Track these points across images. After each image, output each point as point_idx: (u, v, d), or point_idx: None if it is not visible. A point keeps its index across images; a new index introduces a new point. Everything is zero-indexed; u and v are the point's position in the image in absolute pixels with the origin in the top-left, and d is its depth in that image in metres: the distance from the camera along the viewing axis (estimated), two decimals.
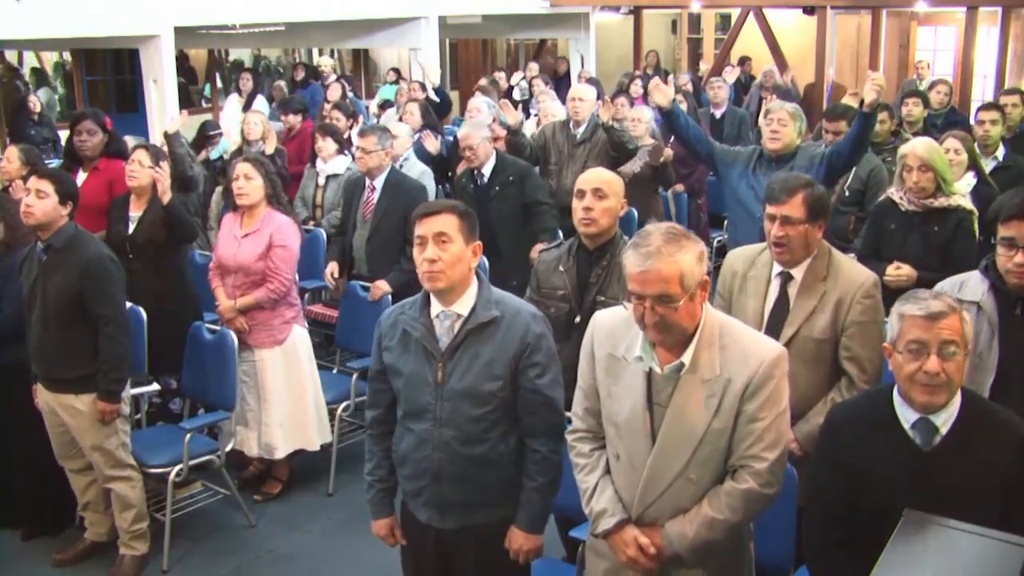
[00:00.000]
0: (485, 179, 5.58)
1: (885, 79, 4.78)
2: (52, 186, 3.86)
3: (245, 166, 4.51)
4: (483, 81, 10.17)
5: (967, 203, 4.27)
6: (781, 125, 4.55)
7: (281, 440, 4.59)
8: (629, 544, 2.42)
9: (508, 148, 6.04)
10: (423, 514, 2.79)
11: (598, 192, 3.51)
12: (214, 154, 7.29)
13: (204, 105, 13.04)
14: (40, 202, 3.83)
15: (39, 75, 13.73)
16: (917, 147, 4.27)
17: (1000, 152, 5.69)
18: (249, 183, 4.48)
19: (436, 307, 2.71)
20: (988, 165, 5.51)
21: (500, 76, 11.44)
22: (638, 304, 2.30)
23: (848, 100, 6.17)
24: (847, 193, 5.35)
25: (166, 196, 4.64)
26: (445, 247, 2.63)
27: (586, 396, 2.56)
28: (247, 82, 10.65)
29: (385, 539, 2.96)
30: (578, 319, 3.49)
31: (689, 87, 10.21)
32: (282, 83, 11.41)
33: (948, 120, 7.32)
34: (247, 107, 9.52)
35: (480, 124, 5.87)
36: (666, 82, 5.64)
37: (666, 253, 2.26)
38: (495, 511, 2.77)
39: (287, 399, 4.57)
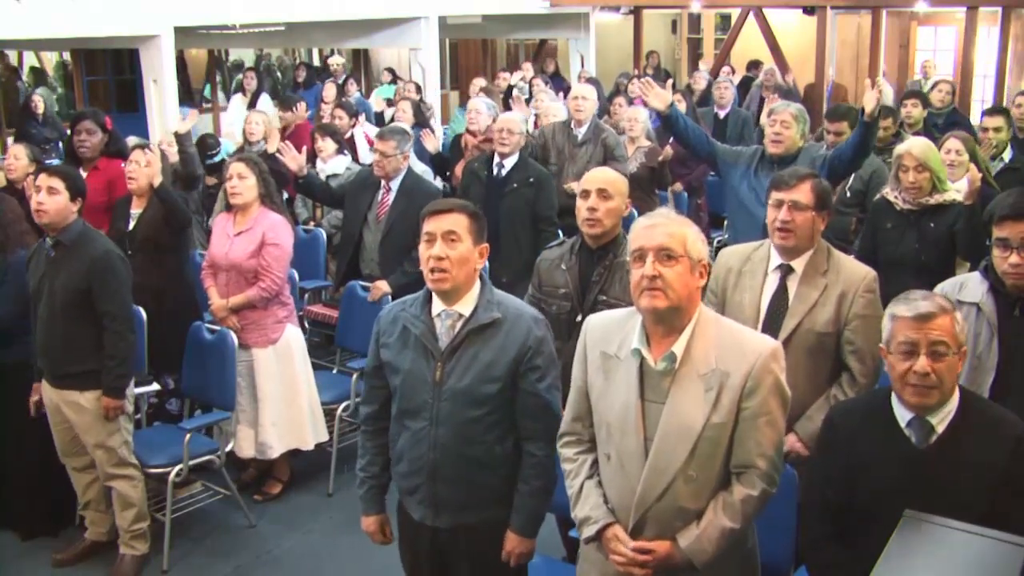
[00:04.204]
0: (504, 172, 5.46)
1: (885, 80, 4.79)
2: (63, 183, 3.86)
3: (239, 166, 4.52)
4: (482, 83, 10.12)
5: (962, 198, 4.28)
6: (784, 128, 4.49)
7: (275, 439, 4.59)
8: (617, 550, 2.39)
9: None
10: (417, 512, 2.78)
11: (603, 192, 3.48)
12: (216, 158, 7.28)
13: (203, 106, 13.02)
14: (51, 199, 3.83)
15: (38, 75, 13.71)
16: (914, 147, 4.30)
17: (1007, 154, 5.71)
18: (243, 182, 4.48)
19: (438, 306, 2.70)
20: (995, 167, 5.53)
21: (479, 81, 10.98)
22: (638, 265, 2.32)
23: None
24: (848, 194, 5.34)
25: (157, 179, 4.63)
26: (454, 246, 2.63)
27: (575, 400, 2.56)
28: (251, 81, 10.56)
29: (373, 536, 2.96)
30: (579, 318, 3.47)
31: (703, 85, 10.15)
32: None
33: (949, 120, 7.28)
34: (251, 106, 9.47)
35: (521, 118, 5.77)
36: (665, 85, 5.58)
37: (674, 219, 2.38)
38: (490, 512, 2.76)
39: (281, 398, 4.57)
